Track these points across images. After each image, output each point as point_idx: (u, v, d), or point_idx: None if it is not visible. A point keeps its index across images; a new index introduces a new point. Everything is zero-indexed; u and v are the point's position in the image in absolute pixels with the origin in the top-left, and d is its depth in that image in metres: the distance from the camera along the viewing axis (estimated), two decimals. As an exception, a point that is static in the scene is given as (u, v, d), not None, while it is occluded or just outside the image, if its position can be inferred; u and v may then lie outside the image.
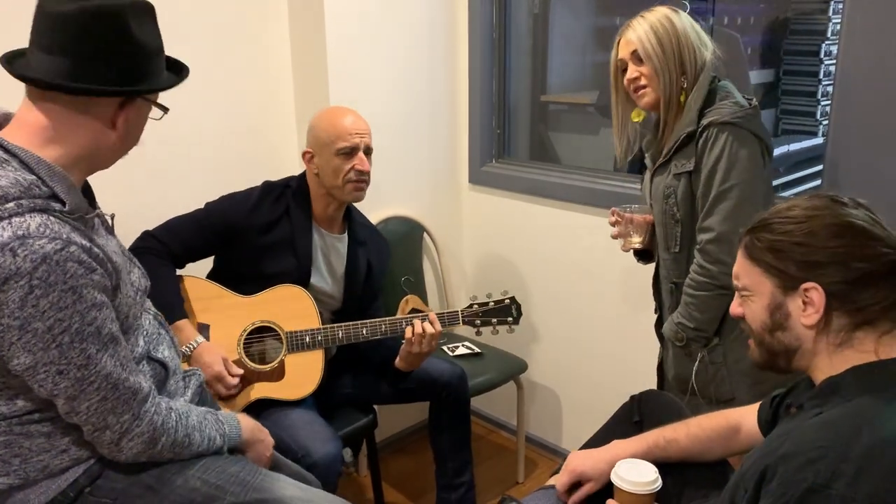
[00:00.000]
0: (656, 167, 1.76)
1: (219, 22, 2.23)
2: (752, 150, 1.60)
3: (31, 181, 1.04)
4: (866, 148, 1.72)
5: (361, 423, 2.04)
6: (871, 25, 1.66)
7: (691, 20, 1.70)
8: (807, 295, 1.03)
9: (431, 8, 2.53)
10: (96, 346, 1.08)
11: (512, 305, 1.98)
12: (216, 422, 1.30)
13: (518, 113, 2.78)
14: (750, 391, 1.72)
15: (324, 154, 1.87)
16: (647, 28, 1.67)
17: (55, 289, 1.01)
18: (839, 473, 0.89)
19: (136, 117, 1.16)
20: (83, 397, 1.09)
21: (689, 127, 1.64)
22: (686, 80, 1.67)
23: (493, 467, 2.63)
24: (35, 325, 1.02)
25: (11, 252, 0.98)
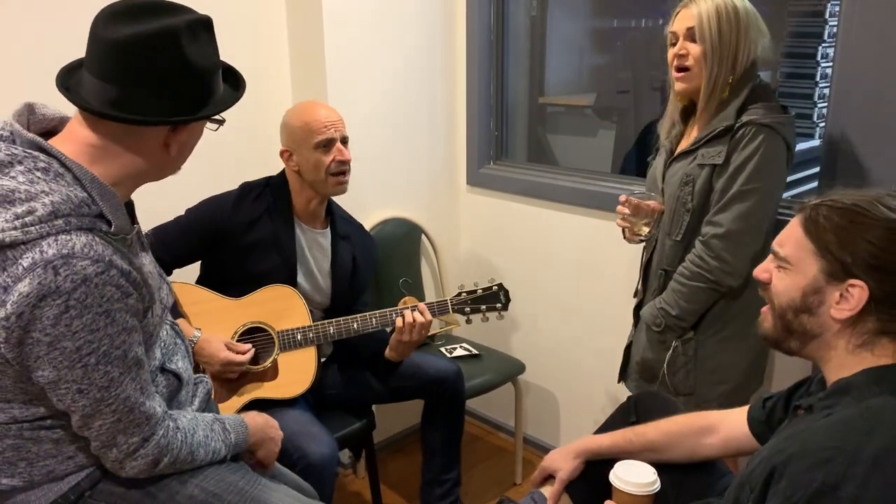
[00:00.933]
0: (678, 153, 1.73)
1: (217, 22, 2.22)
2: (780, 157, 1.60)
3: (83, 199, 1.04)
4: (863, 150, 1.72)
5: (359, 425, 2.04)
6: (867, 28, 1.67)
7: (757, 13, 1.62)
8: (848, 290, 1.01)
9: (429, 10, 2.53)
10: (120, 369, 1.08)
11: (500, 292, 1.99)
12: (223, 431, 1.29)
13: (516, 115, 2.78)
14: (712, 389, 1.73)
15: (301, 150, 1.88)
16: (711, 7, 1.59)
17: (90, 311, 1.02)
18: (849, 475, 0.88)
19: (190, 137, 1.16)
20: (98, 416, 1.09)
21: (728, 121, 1.61)
22: (734, 76, 1.62)
23: (491, 469, 2.63)
24: (64, 344, 1.02)
25: (54, 270, 0.99)
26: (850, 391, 1.01)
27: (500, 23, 2.60)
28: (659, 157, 1.84)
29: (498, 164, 2.71)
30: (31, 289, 0.98)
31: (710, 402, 1.70)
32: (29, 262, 0.99)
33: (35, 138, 1.05)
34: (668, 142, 1.80)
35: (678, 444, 1.37)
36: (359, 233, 2.11)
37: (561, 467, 1.43)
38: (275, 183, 1.95)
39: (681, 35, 1.65)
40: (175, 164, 1.18)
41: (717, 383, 1.73)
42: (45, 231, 1.00)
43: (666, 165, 1.77)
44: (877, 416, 0.95)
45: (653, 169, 1.87)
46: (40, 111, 1.12)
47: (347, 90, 2.35)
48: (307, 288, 1.96)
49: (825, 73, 2.35)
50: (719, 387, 1.73)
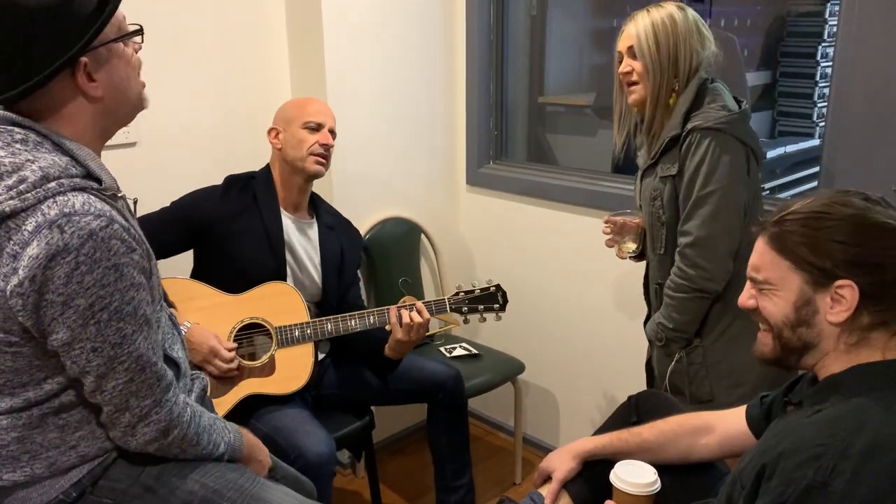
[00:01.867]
0: (645, 168, 1.77)
1: (217, 22, 2.23)
2: (734, 156, 1.61)
3: (67, 161, 1.06)
4: (863, 149, 1.72)
5: (358, 425, 2.04)
6: (867, 28, 1.67)
7: (698, 19, 1.67)
8: (838, 292, 1.01)
9: (429, 9, 2.53)
10: (132, 326, 1.10)
11: (497, 293, 2.00)
12: (223, 429, 1.30)
13: (515, 114, 2.78)
14: (730, 393, 1.73)
15: (290, 128, 1.93)
16: (647, 24, 1.65)
17: (100, 265, 1.03)
18: (839, 471, 0.89)
19: (107, 70, 1.11)
20: (112, 375, 1.10)
21: (674, 130, 1.64)
22: (678, 83, 1.66)
23: (491, 468, 2.63)
24: (77, 302, 1.03)
25: (59, 229, 1.00)
26: (840, 388, 1.02)
27: (499, 22, 2.60)
28: (638, 173, 1.87)
29: (497, 164, 2.71)
30: (40, 250, 0.99)
31: (731, 406, 1.70)
32: (33, 225, 1.00)
33: (5, 114, 1.06)
34: (641, 159, 1.82)
35: (673, 444, 1.37)
36: (344, 225, 2.13)
37: (558, 467, 1.44)
38: (260, 175, 1.99)
39: (624, 53, 1.71)
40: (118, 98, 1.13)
41: (733, 386, 1.72)
42: (42, 195, 1.01)
43: (640, 181, 1.81)
44: (865, 412, 0.96)
45: (636, 185, 1.90)
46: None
47: (346, 90, 2.35)
48: (297, 279, 1.97)
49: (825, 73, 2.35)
50: (736, 390, 1.72)
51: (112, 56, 1.11)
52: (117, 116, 1.16)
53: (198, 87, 2.22)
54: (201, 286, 1.86)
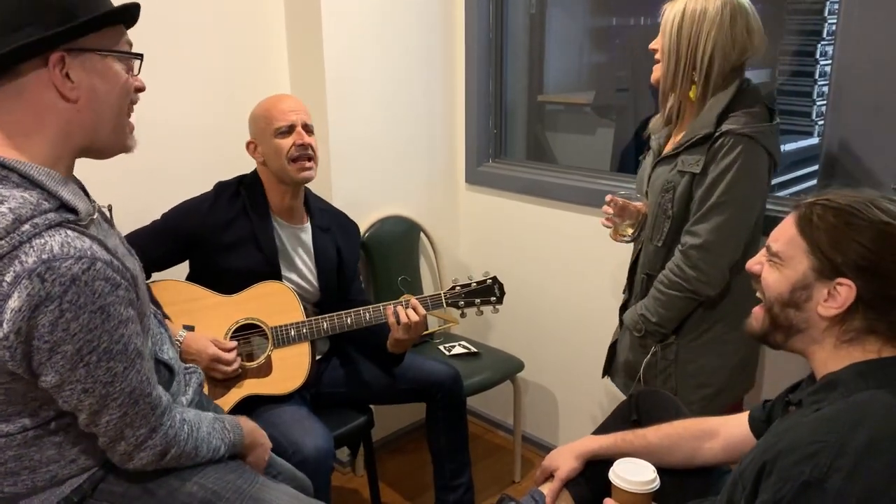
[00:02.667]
0: (662, 157, 1.74)
1: (214, 22, 2.22)
2: (761, 167, 1.60)
3: (37, 195, 1.00)
4: (862, 148, 1.72)
5: (357, 423, 2.04)
6: (866, 26, 1.67)
7: (742, 16, 1.60)
8: (836, 288, 1.02)
9: (428, 8, 2.53)
10: (123, 363, 1.07)
11: (494, 285, 1.98)
12: (223, 430, 1.30)
13: (515, 113, 2.78)
14: (694, 392, 1.74)
15: (264, 139, 1.88)
16: (679, 9, 1.62)
17: (85, 310, 0.99)
18: (836, 468, 0.90)
19: (90, 77, 1.05)
20: (104, 412, 1.09)
21: (707, 129, 1.60)
22: (696, 74, 1.62)
23: (490, 467, 2.63)
24: (65, 348, 1.00)
25: (40, 278, 0.95)
26: (838, 386, 1.02)
27: (499, 21, 2.60)
28: (648, 158, 1.84)
29: (497, 162, 2.71)
30: (22, 302, 0.95)
31: (692, 404, 1.70)
32: (12, 276, 0.95)
33: None
34: (657, 142, 1.80)
35: (677, 448, 1.38)
36: (340, 221, 2.09)
37: (560, 466, 1.44)
38: (248, 181, 1.95)
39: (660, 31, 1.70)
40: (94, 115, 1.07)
41: (698, 387, 1.74)
42: (17, 241, 0.96)
43: (652, 168, 1.78)
44: (863, 409, 0.96)
45: (641, 169, 1.87)
46: None
47: (346, 88, 2.34)
48: (295, 284, 1.96)
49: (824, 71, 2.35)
50: (701, 390, 1.74)
51: (100, 66, 1.06)
52: (93, 135, 1.09)
53: (195, 88, 2.22)
54: (195, 287, 1.86)
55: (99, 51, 1.05)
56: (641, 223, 1.80)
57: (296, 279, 1.96)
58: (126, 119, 1.13)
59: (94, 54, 1.05)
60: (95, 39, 1.05)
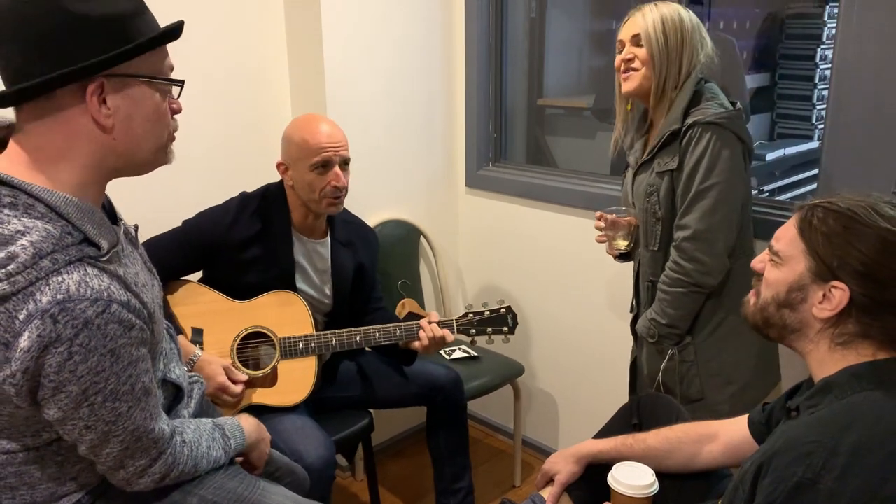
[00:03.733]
0: (640, 164, 1.77)
1: (215, 33, 2.23)
2: (734, 150, 1.62)
3: (62, 229, 0.97)
4: (861, 152, 1.72)
5: (357, 427, 2.03)
6: (866, 30, 1.67)
7: (697, 21, 1.71)
8: (831, 291, 1.03)
9: (428, 12, 2.53)
10: (128, 403, 1.05)
11: (508, 315, 1.97)
12: (223, 438, 1.28)
13: (515, 117, 2.78)
14: (721, 391, 1.74)
15: (298, 168, 1.81)
16: (657, 16, 1.68)
17: (95, 353, 0.97)
18: (828, 468, 0.90)
19: (127, 104, 1.01)
20: (105, 446, 1.07)
21: (674, 125, 1.66)
22: (679, 79, 1.68)
23: (490, 471, 2.63)
24: (70, 388, 0.98)
25: (52, 319, 0.93)
26: (832, 389, 1.03)
27: (498, 25, 2.60)
28: (627, 173, 1.87)
29: (497, 166, 2.71)
30: (32, 342, 0.93)
31: (721, 404, 1.70)
32: (24, 314, 0.93)
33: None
34: (633, 157, 1.83)
35: (677, 451, 1.37)
36: (360, 232, 2.07)
37: (560, 470, 1.44)
38: (273, 194, 1.90)
39: (627, 42, 1.73)
40: (130, 141, 1.03)
41: (724, 384, 1.73)
42: (34, 276, 0.93)
43: (633, 178, 1.81)
44: (856, 410, 0.97)
45: (624, 185, 1.90)
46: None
47: (346, 92, 2.35)
48: (307, 294, 1.95)
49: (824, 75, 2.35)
50: (727, 388, 1.73)
51: (138, 92, 1.02)
52: (128, 161, 1.05)
53: (198, 100, 2.21)
54: (210, 291, 1.86)
55: (140, 76, 1.02)
56: (634, 235, 1.84)
57: (309, 291, 1.94)
58: (163, 140, 1.09)
59: (136, 80, 1.01)
60: (139, 63, 1.01)
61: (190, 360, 1.72)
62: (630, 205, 1.84)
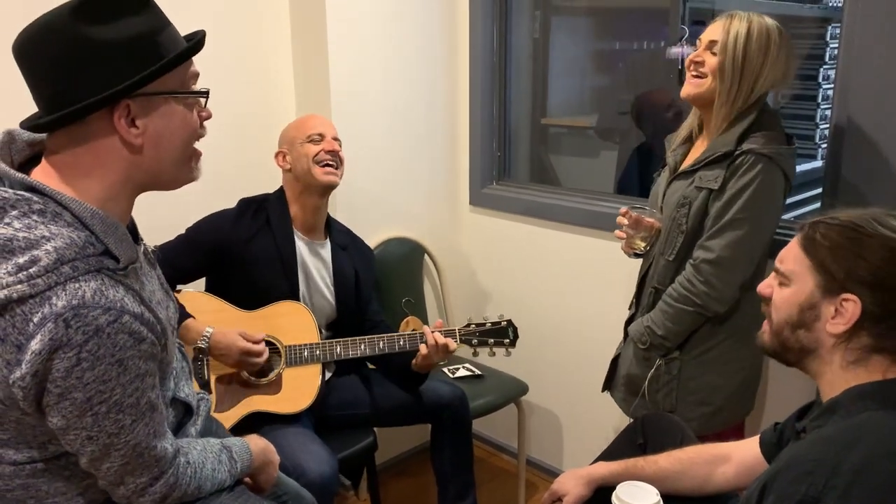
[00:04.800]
0: (679, 173, 1.74)
1: (221, 41, 2.25)
2: (777, 188, 1.61)
3: (86, 239, 1.00)
4: (864, 171, 1.73)
5: (361, 446, 2.02)
6: (868, 49, 1.68)
7: (791, 44, 1.62)
8: (842, 304, 1.02)
9: (433, 31, 2.56)
10: (132, 416, 1.06)
11: (508, 328, 1.98)
12: (229, 461, 1.27)
13: (518, 135, 2.79)
14: (692, 410, 1.74)
15: (294, 146, 1.96)
16: (743, 29, 1.58)
17: (103, 362, 0.98)
18: (830, 486, 0.90)
19: (155, 122, 1.04)
20: (106, 459, 1.07)
21: (727, 147, 1.61)
22: (753, 95, 1.61)
23: (494, 490, 2.61)
24: (75, 395, 0.99)
25: (65, 323, 0.95)
26: (838, 410, 1.03)
27: (502, 45, 2.63)
28: (663, 173, 1.84)
29: (500, 185, 2.72)
30: (43, 345, 0.95)
31: (691, 421, 1.69)
32: (39, 317, 0.95)
33: (25, 179, 1.01)
34: (673, 159, 1.80)
35: (690, 473, 1.36)
36: (357, 244, 2.14)
37: (569, 491, 1.42)
38: (273, 196, 2.00)
39: (703, 44, 1.65)
40: (160, 156, 1.06)
41: (698, 404, 1.73)
42: (53, 281, 0.95)
43: (668, 183, 1.78)
44: (860, 429, 0.96)
45: (656, 185, 1.87)
46: (20, 137, 1.07)
47: (351, 110, 2.36)
48: (311, 300, 1.98)
49: (826, 95, 2.36)
50: (700, 408, 1.73)
51: (165, 108, 1.05)
52: (156, 177, 1.08)
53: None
54: (214, 300, 1.88)
55: (165, 93, 1.04)
56: (653, 238, 1.80)
57: (313, 295, 1.98)
58: (191, 153, 1.11)
59: (160, 97, 1.04)
60: (163, 80, 1.03)
61: (203, 337, 1.75)
62: (658, 208, 1.80)
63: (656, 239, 1.79)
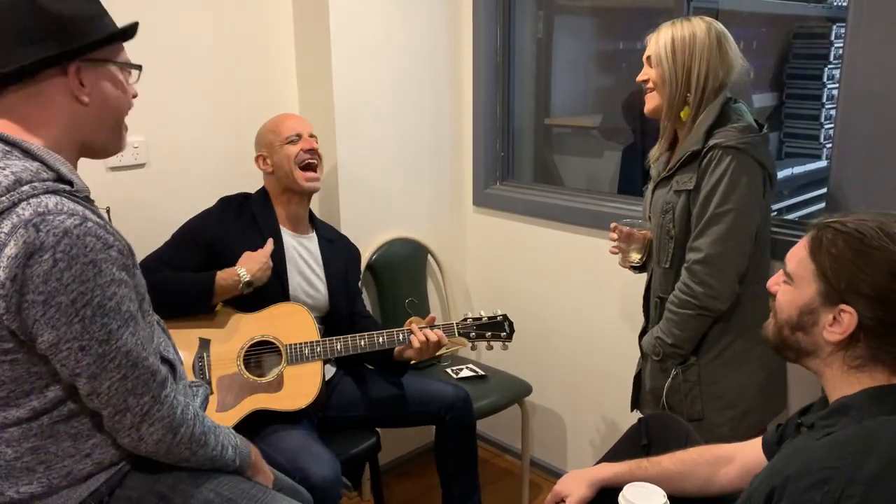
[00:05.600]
0: (659, 180, 1.77)
1: (224, 45, 2.25)
2: (753, 177, 1.61)
3: (37, 166, 1.09)
4: (870, 171, 1.72)
5: (364, 446, 2.02)
6: (873, 49, 1.67)
7: (723, 37, 1.67)
8: (840, 314, 1.02)
9: (436, 32, 2.55)
10: (117, 322, 1.11)
11: (504, 322, 2.00)
12: (229, 433, 1.32)
13: (522, 136, 2.79)
14: (721, 414, 1.73)
15: (273, 149, 2.00)
16: (668, 36, 1.67)
17: (77, 261, 1.05)
18: (847, 495, 0.89)
19: (100, 84, 1.18)
20: (104, 375, 1.10)
21: (695, 146, 1.64)
22: (690, 96, 1.66)
23: (498, 491, 2.60)
24: (59, 299, 1.04)
25: (35, 227, 1.02)
26: (850, 411, 1.02)
27: (506, 45, 2.62)
28: (650, 184, 1.87)
29: (504, 185, 2.72)
30: (18, 249, 1.01)
31: (721, 426, 1.69)
32: (9, 226, 1.02)
33: None
34: (655, 170, 1.83)
35: (693, 474, 1.36)
36: (342, 239, 2.18)
37: (572, 492, 1.42)
38: (255, 195, 2.04)
39: (644, 62, 1.74)
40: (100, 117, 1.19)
41: (724, 408, 1.72)
42: (16, 198, 1.04)
43: (652, 193, 1.80)
44: (875, 435, 0.95)
45: (645, 198, 1.90)
46: None
47: (355, 111, 2.36)
48: (303, 294, 1.99)
49: (831, 95, 2.36)
50: (727, 411, 1.72)
51: (108, 74, 1.19)
52: (94, 134, 1.20)
53: (206, 108, 2.24)
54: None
55: (111, 61, 1.19)
56: (648, 248, 1.83)
57: (305, 286, 1.99)
58: (122, 122, 1.25)
59: (107, 64, 1.19)
60: (108, 52, 1.19)
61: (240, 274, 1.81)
62: (647, 219, 1.83)
63: (650, 248, 1.81)
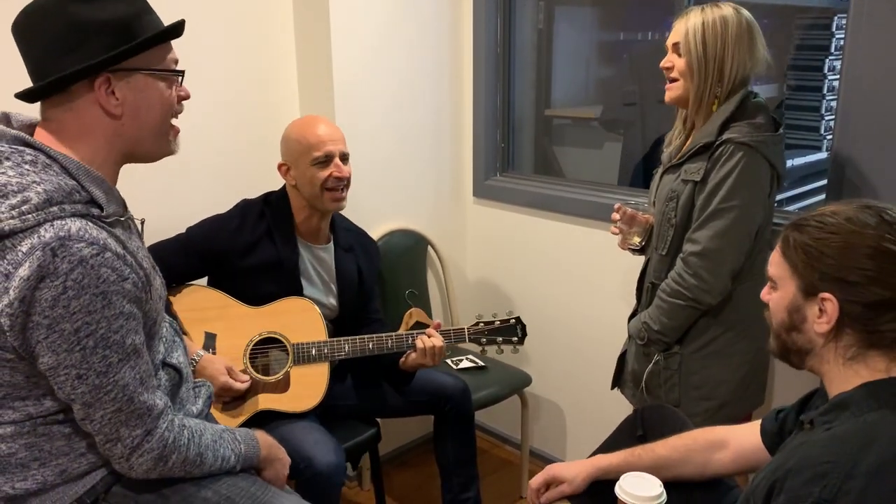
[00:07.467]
0: (669, 166, 1.75)
1: (224, 41, 2.25)
2: (761, 176, 1.60)
3: (72, 186, 1.08)
4: (870, 163, 1.72)
5: (365, 436, 2.03)
6: (874, 41, 1.67)
7: (753, 25, 1.62)
8: (823, 303, 1.03)
9: (437, 23, 2.55)
10: (118, 355, 1.10)
11: (517, 325, 1.98)
12: (232, 440, 1.30)
13: (522, 127, 2.79)
14: (698, 405, 1.74)
15: (299, 165, 1.87)
16: (698, 22, 1.61)
17: (87, 291, 1.04)
18: (845, 490, 0.89)
19: (134, 94, 1.14)
20: (98, 405, 1.10)
21: (708, 138, 1.62)
22: (720, 89, 1.62)
23: (497, 482, 2.62)
24: (63, 326, 1.04)
25: (52, 252, 1.02)
26: (849, 406, 1.02)
27: (506, 36, 2.62)
28: (659, 168, 1.85)
29: (504, 176, 2.72)
30: (31, 271, 1.01)
31: (695, 416, 1.69)
32: (28, 246, 1.02)
33: (20, 134, 1.10)
34: (667, 155, 1.81)
35: (688, 460, 1.36)
36: (361, 240, 2.09)
37: (568, 481, 1.42)
38: (275, 199, 1.94)
39: (669, 48, 1.69)
40: (138, 127, 1.16)
41: (701, 399, 1.74)
42: (42, 218, 1.03)
43: (660, 178, 1.79)
44: (873, 430, 0.96)
45: (654, 181, 1.88)
46: (16, 118, 1.16)
47: (355, 102, 2.36)
48: (315, 301, 1.96)
49: (832, 86, 2.35)
50: (704, 402, 1.73)
51: (143, 83, 1.15)
52: (137, 145, 1.18)
53: (207, 106, 2.23)
54: (224, 296, 1.87)
55: (142, 70, 1.14)
56: (649, 233, 1.81)
57: (316, 296, 1.95)
58: (168, 127, 1.21)
59: (139, 73, 1.14)
60: (141, 59, 1.14)
61: (192, 360, 1.73)
62: (652, 203, 1.81)
63: (651, 234, 1.80)
